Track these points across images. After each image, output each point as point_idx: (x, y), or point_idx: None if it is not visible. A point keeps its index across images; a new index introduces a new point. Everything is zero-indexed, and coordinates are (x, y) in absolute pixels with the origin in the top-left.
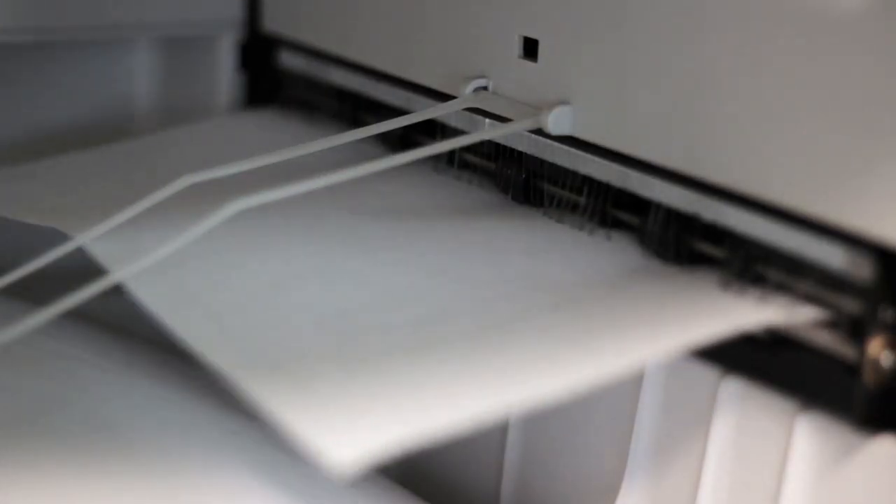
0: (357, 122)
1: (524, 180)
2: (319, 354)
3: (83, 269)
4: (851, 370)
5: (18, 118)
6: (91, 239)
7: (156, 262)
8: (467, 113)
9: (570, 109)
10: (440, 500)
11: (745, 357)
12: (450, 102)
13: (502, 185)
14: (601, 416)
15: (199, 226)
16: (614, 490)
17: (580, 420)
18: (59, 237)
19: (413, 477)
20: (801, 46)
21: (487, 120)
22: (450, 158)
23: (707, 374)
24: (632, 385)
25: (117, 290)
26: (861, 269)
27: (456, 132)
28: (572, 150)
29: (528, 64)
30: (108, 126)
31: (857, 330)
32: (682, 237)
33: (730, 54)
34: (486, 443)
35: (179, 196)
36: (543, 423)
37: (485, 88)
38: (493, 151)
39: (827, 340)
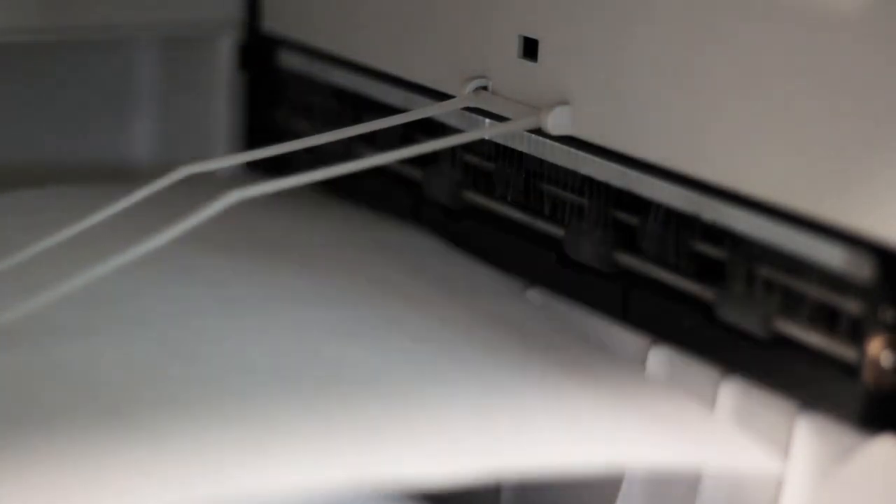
0: (357, 123)
1: (524, 180)
2: None
3: None
4: (851, 370)
5: (18, 118)
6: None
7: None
8: (467, 112)
9: (570, 109)
10: (440, 500)
11: (745, 357)
12: (449, 102)
13: (502, 185)
14: None
15: (196, 216)
16: (614, 490)
17: None
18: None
19: None
20: (801, 46)
21: (487, 120)
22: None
23: (707, 374)
24: None
25: None
26: (861, 269)
27: (456, 132)
28: (572, 150)
29: (528, 64)
30: (107, 125)
31: (857, 330)
32: (682, 237)
33: (730, 54)
34: None
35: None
36: None
37: (485, 88)
38: (492, 151)
39: (827, 340)
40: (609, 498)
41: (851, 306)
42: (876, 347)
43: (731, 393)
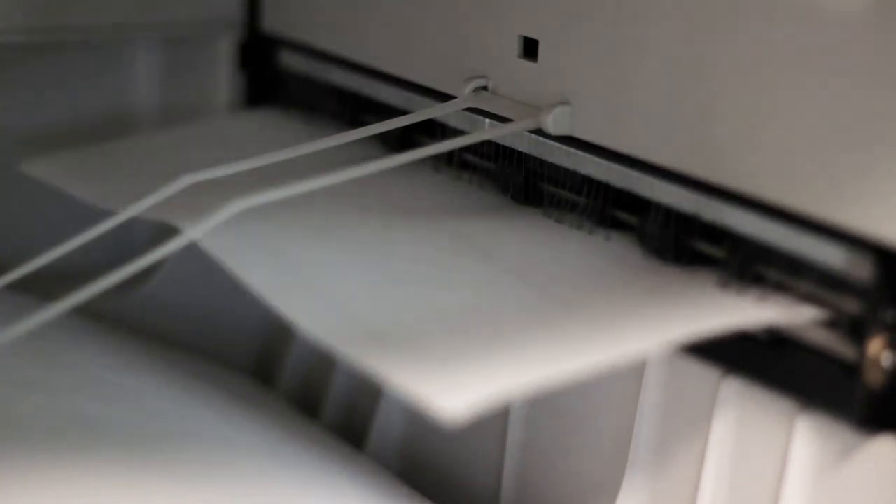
0: (357, 122)
1: (524, 180)
2: (404, 321)
3: (85, 267)
4: (851, 370)
5: (18, 118)
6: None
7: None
8: (467, 113)
9: (570, 109)
10: (440, 500)
11: (745, 357)
12: (450, 102)
13: (502, 185)
14: (601, 416)
15: (200, 226)
16: (614, 490)
17: (580, 420)
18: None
19: (413, 476)
20: (801, 46)
21: (487, 120)
22: (449, 158)
23: (707, 374)
24: (632, 385)
25: (122, 288)
26: (861, 269)
27: (456, 132)
28: (572, 150)
29: (528, 64)
30: (108, 126)
31: (857, 330)
32: (682, 237)
33: (730, 54)
34: (487, 442)
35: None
36: (544, 422)
37: (485, 88)
38: (493, 151)
39: (827, 340)
40: (610, 492)
41: (851, 306)
42: (876, 347)
43: (731, 393)
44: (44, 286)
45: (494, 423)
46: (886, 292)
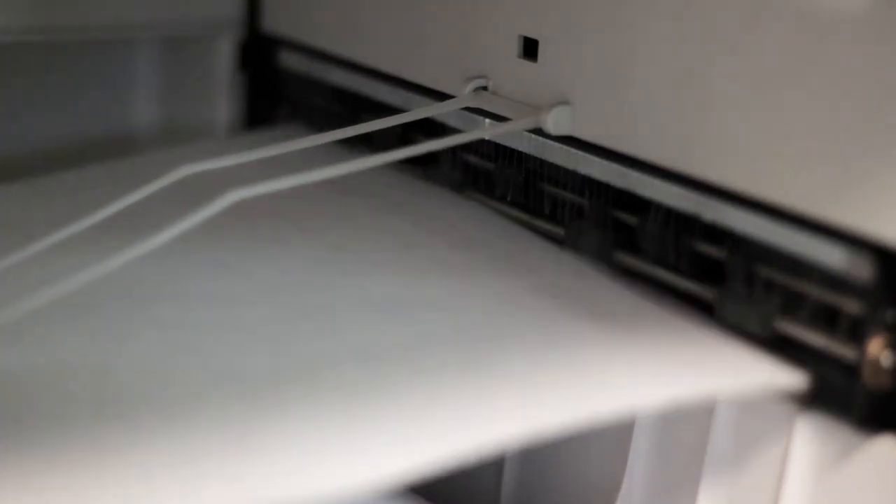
0: (356, 122)
1: (524, 180)
2: None
3: None
4: (851, 370)
5: (18, 118)
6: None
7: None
8: (467, 112)
9: (570, 109)
10: (440, 500)
11: None
12: (449, 102)
13: (502, 185)
14: None
15: (196, 215)
16: (614, 490)
17: None
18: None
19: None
20: (801, 46)
21: (487, 120)
22: (451, 160)
23: None
24: None
25: None
26: (861, 269)
27: (455, 132)
28: (572, 150)
29: (528, 64)
30: (108, 125)
31: (857, 330)
32: (682, 237)
33: (729, 54)
34: None
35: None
36: None
37: (484, 88)
38: (492, 151)
39: (827, 340)
40: (610, 492)
41: (851, 306)
42: (876, 347)
43: None
44: None
45: None
46: (886, 292)
